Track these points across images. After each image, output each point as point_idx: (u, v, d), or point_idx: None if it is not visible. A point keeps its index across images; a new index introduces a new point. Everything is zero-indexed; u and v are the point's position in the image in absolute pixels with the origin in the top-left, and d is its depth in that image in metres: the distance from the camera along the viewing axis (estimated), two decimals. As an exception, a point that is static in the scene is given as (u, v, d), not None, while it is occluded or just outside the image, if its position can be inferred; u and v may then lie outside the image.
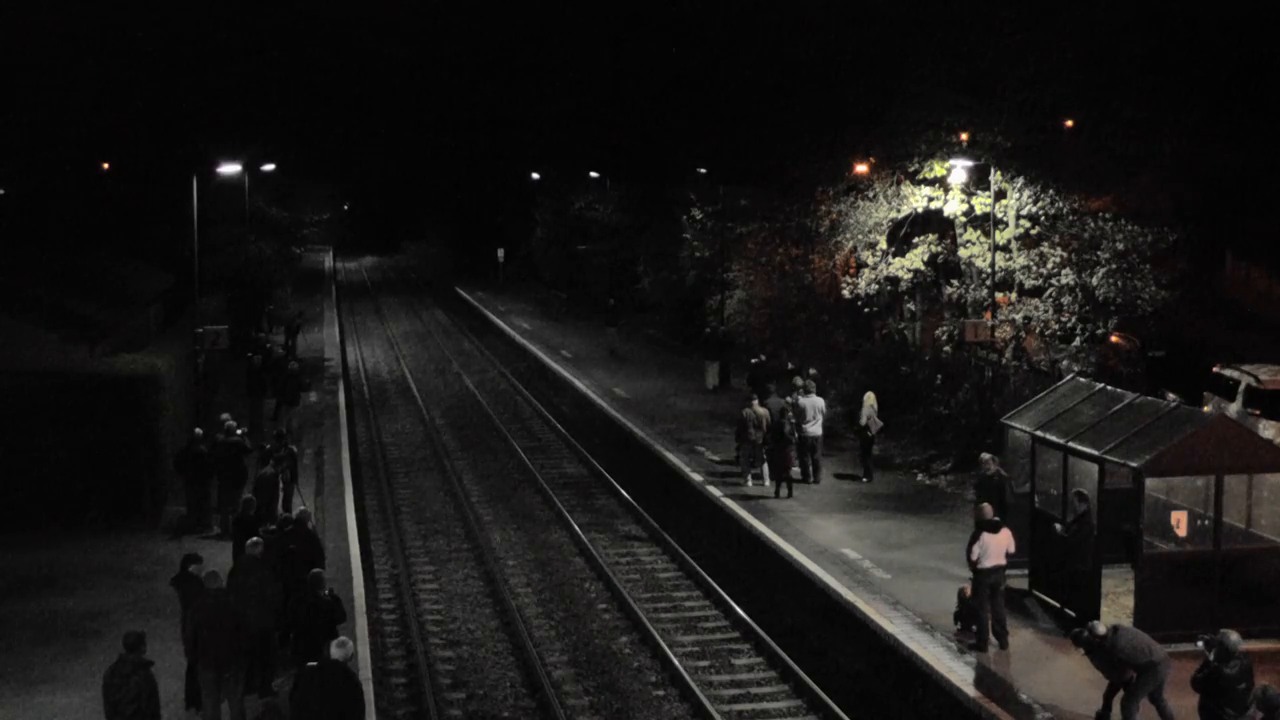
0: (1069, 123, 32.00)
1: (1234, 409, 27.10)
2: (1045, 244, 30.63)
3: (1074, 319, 30.23)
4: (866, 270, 34.19)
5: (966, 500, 25.17)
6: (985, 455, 21.33)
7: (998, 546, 18.20)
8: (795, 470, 28.37)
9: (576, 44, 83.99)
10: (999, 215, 30.90)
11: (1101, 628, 15.56)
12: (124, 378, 25.68)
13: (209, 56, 58.61)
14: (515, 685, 19.30)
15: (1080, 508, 18.80)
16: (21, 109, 46.20)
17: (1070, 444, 19.30)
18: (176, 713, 16.14)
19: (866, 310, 35.72)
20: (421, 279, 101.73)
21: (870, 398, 28.41)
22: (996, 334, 30.93)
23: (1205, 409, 26.40)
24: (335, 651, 13.70)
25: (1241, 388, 27.80)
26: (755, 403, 28.54)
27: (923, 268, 33.62)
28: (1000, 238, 30.90)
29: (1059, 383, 22.86)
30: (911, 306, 36.86)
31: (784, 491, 27.02)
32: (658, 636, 20.55)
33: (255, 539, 17.54)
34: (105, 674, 13.85)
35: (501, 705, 18.62)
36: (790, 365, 35.34)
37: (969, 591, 18.80)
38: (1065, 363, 29.91)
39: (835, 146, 35.90)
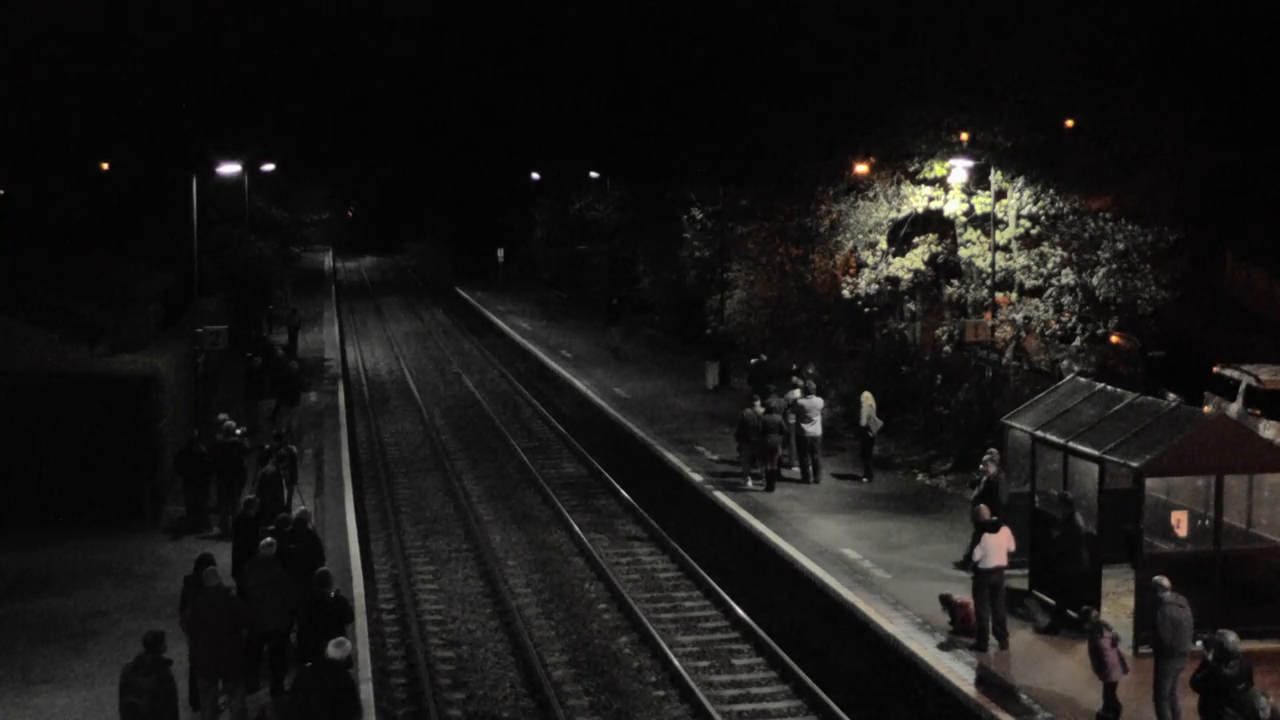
0: (1069, 123, 31.97)
1: (1234, 409, 27.08)
2: (1045, 244, 30.61)
3: (1074, 319, 30.21)
4: (866, 270, 34.18)
5: (966, 500, 25.15)
6: (985, 456, 21.36)
7: (998, 546, 18.23)
8: (795, 469, 28.41)
9: (577, 44, 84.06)
10: (999, 215, 30.88)
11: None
12: (124, 378, 25.67)
13: (209, 56, 58.53)
14: (515, 685, 19.29)
15: (1064, 511, 18.79)
16: (21, 109, 46.14)
17: (1070, 444, 19.31)
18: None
19: (866, 310, 35.70)
20: (421, 279, 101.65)
21: (868, 397, 28.41)
22: (996, 334, 30.92)
23: (1205, 409, 26.38)
24: (333, 651, 13.52)
25: (1241, 388, 27.78)
26: (756, 403, 28.56)
27: (923, 268, 33.60)
28: (1000, 238, 30.88)
29: (1059, 383, 22.86)
30: (911, 306, 36.82)
31: (751, 484, 27.49)
32: (658, 637, 20.55)
33: (269, 540, 17.54)
34: (123, 671, 13.71)
35: (501, 705, 18.61)
36: (786, 366, 35.34)
37: (956, 595, 18.95)
38: (1065, 363, 29.89)
39: (835, 146, 35.91)
